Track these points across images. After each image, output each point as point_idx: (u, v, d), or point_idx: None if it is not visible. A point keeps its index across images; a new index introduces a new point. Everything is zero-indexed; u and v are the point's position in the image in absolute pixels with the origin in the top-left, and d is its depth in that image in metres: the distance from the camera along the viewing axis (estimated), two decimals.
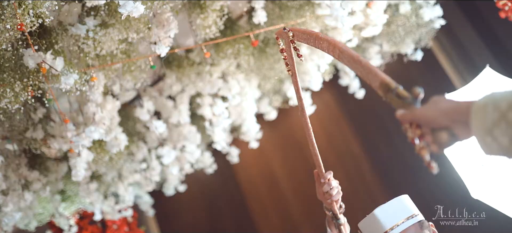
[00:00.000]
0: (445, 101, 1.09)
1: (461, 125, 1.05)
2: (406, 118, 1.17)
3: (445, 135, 1.09)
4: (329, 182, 2.53)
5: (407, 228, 2.01)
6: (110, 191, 4.67)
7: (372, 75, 1.32)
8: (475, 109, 1.00)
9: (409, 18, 3.85)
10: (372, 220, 2.08)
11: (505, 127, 0.94)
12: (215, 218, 6.56)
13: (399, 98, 1.21)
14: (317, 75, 4.01)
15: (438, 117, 1.08)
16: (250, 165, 6.25)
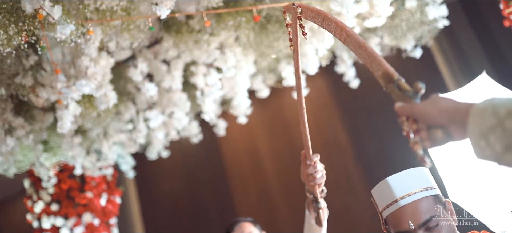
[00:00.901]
0: (445, 100, 1.09)
1: (457, 125, 1.05)
2: (404, 111, 1.16)
3: (440, 133, 1.09)
4: (314, 164, 2.52)
5: (420, 199, 1.88)
6: (93, 147, 4.63)
7: (376, 64, 1.30)
8: (474, 112, 0.99)
9: (414, 14, 3.83)
10: (383, 186, 1.98)
11: (500, 133, 0.94)
12: (194, 188, 6.55)
13: (400, 90, 1.20)
14: (314, 59, 3.98)
15: (436, 114, 1.08)
16: (235, 140, 6.23)
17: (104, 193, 5.36)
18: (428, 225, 1.80)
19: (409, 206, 1.86)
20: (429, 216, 1.81)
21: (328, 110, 5.78)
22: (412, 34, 4.09)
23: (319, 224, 2.72)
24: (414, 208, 1.84)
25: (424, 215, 1.82)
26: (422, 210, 1.83)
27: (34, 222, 5.22)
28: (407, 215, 1.85)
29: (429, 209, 1.83)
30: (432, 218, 1.81)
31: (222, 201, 6.36)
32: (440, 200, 1.90)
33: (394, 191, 1.91)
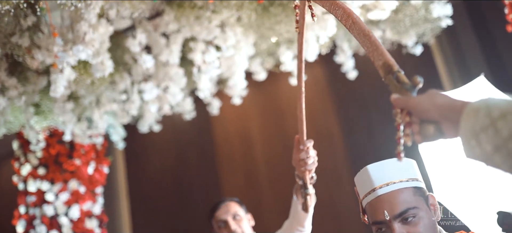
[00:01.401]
0: (441, 97, 1.09)
1: (450, 122, 1.06)
2: (400, 103, 1.17)
3: (432, 129, 1.09)
4: (307, 150, 2.52)
5: (399, 189, 1.81)
6: (84, 115, 4.60)
7: (378, 53, 1.32)
8: (468, 111, 1.00)
9: (418, 10, 3.81)
10: (364, 174, 1.89)
11: (492, 134, 0.95)
12: (182, 165, 6.54)
13: (398, 82, 1.21)
14: (314, 46, 3.96)
15: (431, 109, 1.09)
16: (228, 121, 6.21)
17: (92, 161, 5.34)
18: (404, 217, 1.75)
19: (387, 195, 1.80)
20: (406, 208, 1.76)
21: (323, 99, 5.76)
22: (415, 31, 4.08)
23: (306, 210, 2.72)
24: (391, 198, 1.79)
25: (400, 206, 1.76)
26: (399, 201, 1.77)
27: (20, 184, 5.19)
28: (384, 205, 1.79)
29: (406, 200, 1.78)
30: (408, 210, 1.75)
31: (209, 180, 6.35)
32: (422, 193, 1.83)
33: (373, 180, 1.86)
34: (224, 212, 3.32)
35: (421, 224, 1.74)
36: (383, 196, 1.80)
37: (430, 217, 1.78)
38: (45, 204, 5.06)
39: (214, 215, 3.37)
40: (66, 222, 5.04)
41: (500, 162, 0.96)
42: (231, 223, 3.28)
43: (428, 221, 1.76)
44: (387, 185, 1.81)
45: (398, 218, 1.75)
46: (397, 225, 1.75)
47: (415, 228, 1.74)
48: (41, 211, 5.05)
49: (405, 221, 1.75)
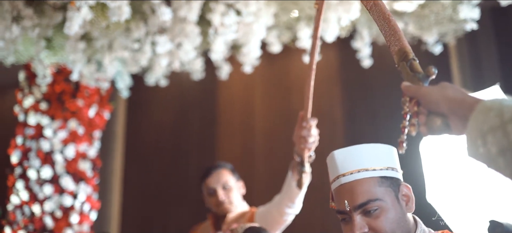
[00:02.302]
0: (453, 90, 1.07)
1: (458, 117, 1.03)
2: (410, 91, 1.15)
3: (439, 122, 1.06)
4: (309, 128, 2.52)
5: (361, 179, 1.68)
6: (95, 57, 4.56)
7: (395, 38, 1.30)
8: (480, 108, 0.97)
9: (446, 9, 3.76)
10: (330, 159, 1.80)
11: (500, 136, 0.92)
12: (182, 125, 6.53)
13: (411, 70, 1.19)
14: (335, 27, 3.91)
15: (441, 101, 1.06)
16: (234, 88, 6.19)
17: (94, 104, 5.32)
18: (365, 209, 1.65)
19: (349, 185, 1.69)
20: (367, 199, 1.65)
21: (331, 83, 5.73)
22: (438, 29, 4.04)
23: (299, 187, 2.72)
24: (353, 188, 1.68)
25: (361, 197, 1.66)
26: (360, 192, 1.66)
27: (21, 115, 5.19)
28: (345, 194, 1.69)
29: (368, 191, 1.66)
30: (369, 202, 1.65)
31: (206, 144, 6.35)
32: (391, 183, 1.70)
33: (338, 167, 1.74)
34: (214, 180, 3.30)
35: (384, 217, 1.64)
36: (345, 185, 1.70)
37: (398, 210, 1.66)
38: (42, 139, 5.06)
39: (205, 181, 3.35)
40: (60, 160, 5.04)
41: (504, 166, 0.93)
42: (220, 193, 3.27)
43: (395, 214, 1.65)
44: (351, 174, 1.70)
45: (358, 210, 1.66)
46: (357, 216, 1.66)
47: (377, 221, 1.64)
48: (38, 145, 5.05)
49: (367, 213, 1.65)
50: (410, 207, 1.72)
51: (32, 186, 5.00)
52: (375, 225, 1.63)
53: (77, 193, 5.08)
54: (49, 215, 4.97)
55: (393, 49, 1.27)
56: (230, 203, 3.28)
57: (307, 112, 2.54)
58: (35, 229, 4.93)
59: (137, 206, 6.54)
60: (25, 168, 5.04)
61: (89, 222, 5.16)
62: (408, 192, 1.73)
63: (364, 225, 1.64)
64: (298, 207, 2.91)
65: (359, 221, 1.65)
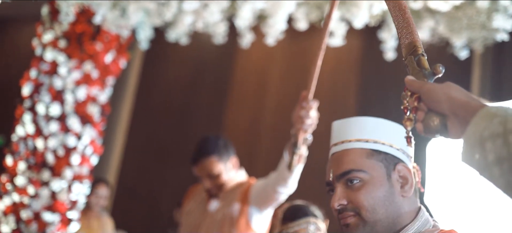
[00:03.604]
0: (458, 91, 1.02)
1: (459, 120, 0.99)
2: (413, 85, 1.10)
3: (437, 121, 1.03)
4: (308, 109, 2.50)
5: (351, 149, 1.56)
6: (120, 3, 4.54)
7: (408, 31, 1.25)
8: (483, 113, 0.93)
9: (480, 14, 3.72)
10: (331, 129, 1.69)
11: (500, 144, 0.88)
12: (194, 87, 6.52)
13: (418, 65, 1.16)
14: (365, 14, 3.89)
15: (443, 100, 1.02)
16: (252, 59, 6.17)
17: (112, 51, 5.31)
18: (347, 178, 1.51)
19: (338, 154, 1.58)
20: (349, 169, 1.51)
21: (348, 72, 5.72)
22: (468, 33, 4.00)
23: (289, 167, 2.69)
24: (340, 157, 1.56)
25: (344, 166, 1.53)
26: (346, 161, 1.54)
27: (38, 49, 5.17)
28: (332, 164, 1.58)
29: (353, 161, 1.53)
30: (352, 171, 1.51)
31: (215, 111, 6.35)
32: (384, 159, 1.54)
33: (333, 136, 1.65)
34: (199, 169, 3.24)
35: (364, 190, 1.48)
36: (335, 154, 1.59)
37: (385, 188, 1.49)
38: (56, 76, 5.05)
39: (193, 166, 3.31)
40: (70, 100, 5.04)
41: (498, 175, 0.89)
42: (205, 181, 3.24)
43: (379, 192, 1.48)
44: (342, 143, 1.58)
45: (340, 179, 1.53)
46: (339, 187, 1.52)
47: (356, 194, 1.49)
48: (50, 81, 5.05)
49: (349, 185, 1.51)
50: (407, 191, 1.52)
51: (39, 120, 5.00)
52: (353, 197, 1.49)
53: (82, 135, 5.09)
54: (51, 151, 4.99)
55: (403, 42, 1.24)
56: (218, 188, 3.24)
57: (309, 92, 2.52)
58: (35, 163, 4.94)
59: (138, 159, 6.56)
60: (34, 102, 5.05)
61: (89, 165, 5.18)
62: (407, 175, 1.53)
63: (343, 197, 1.50)
64: (292, 188, 2.88)
65: (339, 192, 1.52)
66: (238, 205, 3.13)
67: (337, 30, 4.29)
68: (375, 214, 1.48)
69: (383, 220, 1.48)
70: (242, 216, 3.11)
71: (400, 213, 1.49)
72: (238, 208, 3.12)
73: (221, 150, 3.26)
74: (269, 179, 2.97)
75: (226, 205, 3.19)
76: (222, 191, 3.26)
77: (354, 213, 1.49)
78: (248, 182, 3.24)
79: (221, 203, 3.24)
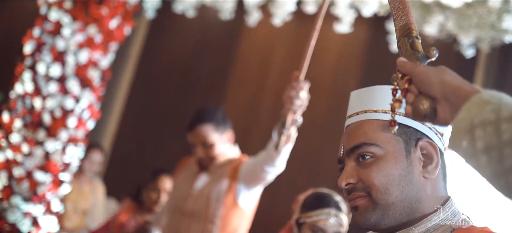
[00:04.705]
0: (451, 75, 0.98)
1: (450, 105, 0.95)
2: (405, 67, 1.05)
3: (427, 105, 0.99)
4: (299, 89, 2.49)
5: (365, 120, 1.34)
6: None
7: (403, 13, 1.19)
8: (476, 99, 0.90)
9: (491, 14, 3.70)
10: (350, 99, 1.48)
11: (491, 132, 0.85)
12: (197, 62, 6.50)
13: (412, 48, 1.11)
14: (374, 3, 3.86)
15: (435, 83, 0.98)
16: (258, 39, 6.14)
17: (118, 16, 5.27)
18: (359, 153, 1.29)
19: (351, 127, 1.37)
20: (361, 142, 1.29)
21: (354, 58, 5.69)
22: (476, 32, 3.98)
23: (276, 147, 2.69)
24: (353, 129, 1.35)
25: (356, 139, 1.31)
26: (358, 133, 1.32)
27: (43, 8, 5.13)
28: (344, 138, 1.37)
29: (366, 133, 1.31)
30: (363, 145, 1.29)
31: (215, 88, 6.33)
32: (406, 133, 1.30)
33: (349, 107, 1.43)
34: (194, 136, 3.25)
35: (376, 167, 1.26)
36: (348, 127, 1.39)
37: (402, 166, 1.27)
38: (59, 36, 5.02)
39: (187, 133, 3.30)
40: (71, 62, 5.01)
41: (485, 164, 0.86)
42: (198, 149, 3.24)
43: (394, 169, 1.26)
44: (357, 114, 1.37)
45: (350, 155, 1.32)
46: (349, 164, 1.31)
47: (367, 171, 1.27)
48: (53, 41, 5.01)
49: (361, 161, 1.29)
50: (430, 172, 1.28)
51: (38, 80, 4.97)
52: (363, 175, 1.27)
53: (80, 98, 5.06)
54: (48, 112, 4.96)
55: (398, 24, 1.18)
56: (210, 159, 3.24)
57: (301, 73, 2.51)
58: (32, 122, 4.92)
59: (135, 128, 6.55)
60: (35, 61, 5.01)
61: (85, 129, 5.15)
62: (433, 153, 1.29)
63: (352, 174, 1.29)
64: (280, 168, 2.87)
65: (348, 169, 1.30)
66: (227, 181, 3.14)
67: (346, 16, 4.27)
68: (387, 195, 1.25)
69: (397, 204, 1.25)
70: (230, 192, 3.12)
71: (420, 197, 1.26)
72: (227, 184, 3.13)
73: (218, 120, 3.26)
74: (258, 158, 2.97)
75: (215, 180, 3.20)
76: (213, 164, 3.25)
77: (365, 194, 1.27)
78: (239, 159, 3.24)
79: (210, 177, 3.25)
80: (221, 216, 3.11)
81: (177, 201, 3.35)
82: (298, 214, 2.40)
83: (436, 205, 1.26)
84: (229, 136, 3.33)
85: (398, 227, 1.26)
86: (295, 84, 2.48)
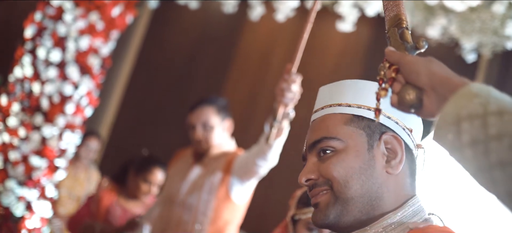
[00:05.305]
0: (440, 66, 0.96)
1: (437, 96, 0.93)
2: (393, 56, 1.03)
3: (413, 95, 0.96)
4: (290, 82, 2.47)
5: (328, 114, 1.29)
6: None
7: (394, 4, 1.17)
8: (464, 91, 0.88)
9: (494, 19, 3.69)
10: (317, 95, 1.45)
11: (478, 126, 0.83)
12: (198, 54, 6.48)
13: (401, 38, 1.10)
14: (378, 2, 3.85)
15: (423, 74, 0.95)
16: (259, 34, 6.13)
17: (120, 4, 5.25)
18: (320, 148, 1.25)
19: (315, 122, 1.33)
20: (321, 136, 1.25)
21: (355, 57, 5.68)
22: (478, 37, 3.97)
23: (266, 140, 2.68)
24: (316, 124, 1.31)
25: (318, 133, 1.27)
26: (319, 128, 1.28)
27: None
28: (308, 134, 1.33)
29: (327, 127, 1.26)
30: (323, 139, 1.24)
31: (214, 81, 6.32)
32: (369, 127, 1.26)
33: (316, 102, 1.39)
34: (195, 117, 3.25)
35: (335, 160, 1.22)
36: (313, 123, 1.34)
37: (363, 160, 1.22)
38: (60, 22, 5.00)
39: (188, 115, 3.30)
40: (72, 48, 4.99)
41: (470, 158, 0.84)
42: (198, 130, 3.23)
43: (354, 163, 1.21)
44: (322, 109, 1.32)
45: (312, 150, 1.27)
46: (310, 159, 1.27)
47: (326, 165, 1.22)
48: (54, 26, 5.00)
49: (322, 156, 1.24)
50: (393, 167, 1.23)
51: (38, 64, 4.96)
52: (323, 169, 1.23)
53: (79, 85, 5.05)
54: (47, 97, 4.95)
55: (388, 14, 1.16)
56: (207, 142, 3.23)
57: (293, 66, 2.49)
58: (29, 106, 4.91)
59: (132, 117, 6.54)
60: (36, 45, 5.00)
61: (83, 116, 5.14)
62: (397, 148, 1.24)
63: (313, 170, 1.25)
64: (272, 162, 2.86)
65: (309, 165, 1.26)
66: (220, 174, 3.14)
67: (349, 15, 4.25)
68: (347, 188, 1.20)
69: (357, 199, 1.20)
70: (223, 185, 3.12)
71: (381, 193, 1.21)
72: (220, 177, 3.13)
73: (221, 106, 3.29)
74: (250, 152, 2.96)
75: (209, 172, 3.20)
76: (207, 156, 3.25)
77: (327, 188, 1.22)
78: (234, 153, 3.24)
79: (204, 169, 3.25)
80: (213, 208, 3.11)
81: (170, 191, 3.34)
82: (294, 210, 2.39)
83: (397, 203, 1.21)
84: (228, 125, 3.35)
85: (356, 225, 1.21)
86: (287, 77, 2.46)
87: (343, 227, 1.22)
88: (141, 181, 3.93)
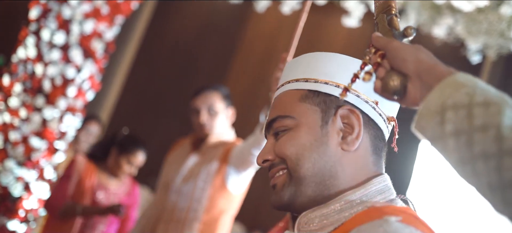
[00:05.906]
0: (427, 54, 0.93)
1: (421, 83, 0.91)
2: (380, 42, 0.99)
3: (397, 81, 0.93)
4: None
5: (288, 91, 1.22)
6: None
7: None
8: (450, 80, 0.85)
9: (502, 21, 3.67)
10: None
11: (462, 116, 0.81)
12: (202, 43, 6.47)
13: (389, 25, 1.06)
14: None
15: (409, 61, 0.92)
16: (264, 26, 6.11)
17: None
18: (274, 128, 1.20)
19: (274, 100, 1.27)
20: (276, 115, 1.20)
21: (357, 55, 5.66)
22: (485, 39, 3.95)
23: (261, 130, 2.67)
24: (274, 104, 1.26)
25: (273, 112, 1.22)
26: (276, 107, 1.23)
27: None
28: (270, 110, 1.26)
29: (282, 106, 1.21)
30: (278, 118, 1.19)
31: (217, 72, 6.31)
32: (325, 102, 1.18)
33: (282, 77, 1.31)
34: (201, 100, 3.25)
35: (286, 137, 1.17)
36: (274, 101, 1.28)
37: (316, 136, 1.16)
38: (65, 4, 5.00)
39: (193, 99, 3.30)
40: (76, 31, 4.99)
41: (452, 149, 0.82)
42: (203, 113, 3.23)
43: (303, 138, 1.16)
44: (282, 86, 1.25)
45: (270, 130, 1.23)
46: (269, 139, 1.22)
47: (279, 144, 1.18)
48: (59, 9, 4.99)
49: (277, 135, 1.20)
50: (349, 143, 1.15)
51: (42, 46, 4.95)
52: (276, 148, 1.18)
53: (82, 68, 5.05)
54: (49, 79, 4.95)
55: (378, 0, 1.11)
56: (211, 128, 3.24)
57: (288, 55, 2.47)
58: (31, 87, 4.91)
59: (134, 103, 6.53)
60: (40, 27, 4.99)
61: (85, 100, 5.14)
62: (354, 122, 1.16)
63: (270, 150, 1.20)
64: None
65: (267, 145, 1.22)
66: (217, 163, 3.14)
67: (355, 11, 4.24)
68: (299, 166, 1.14)
69: (310, 178, 1.14)
70: (219, 174, 3.13)
71: (334, 172, 1.14)
72: (216, 166, 3.14)
73: (225, 93, 3.32)
74: (246, 141, 2.95)
75: (206, 160, 3.20)
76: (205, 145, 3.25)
77: (283, 167, 1.18)
78: (232, 143, 3.24)
79: (201, 158, 3.26)
80: (208, 197, 3.12)
81: (166, 178, 3.35)
82: None
83: (356, 181, 1.14)
84: (231, 114, 3.36)
85: (312, 205, 1.14)
86: (281, 66, 2.45)
87: (299, 208, 1.16)
88: (124, 161, 3.99)
